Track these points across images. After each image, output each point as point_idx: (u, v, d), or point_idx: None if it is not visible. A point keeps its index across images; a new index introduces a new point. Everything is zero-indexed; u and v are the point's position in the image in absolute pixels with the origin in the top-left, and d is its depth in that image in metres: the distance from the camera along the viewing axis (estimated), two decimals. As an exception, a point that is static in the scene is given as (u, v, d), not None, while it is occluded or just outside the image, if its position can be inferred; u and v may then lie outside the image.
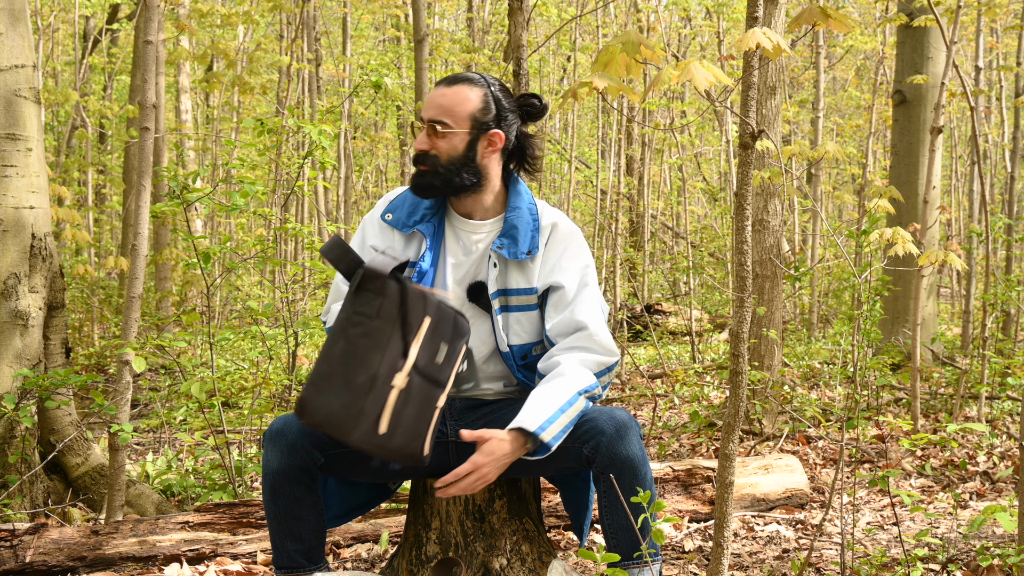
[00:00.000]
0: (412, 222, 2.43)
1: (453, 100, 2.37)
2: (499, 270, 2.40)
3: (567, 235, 2.44)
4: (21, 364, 3.61)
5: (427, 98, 2.40)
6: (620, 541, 2.29)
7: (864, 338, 4.62)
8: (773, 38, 1.98)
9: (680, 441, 5.28)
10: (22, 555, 2.97)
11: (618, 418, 2.27)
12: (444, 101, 2.37)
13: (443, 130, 2.36)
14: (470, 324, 2.34)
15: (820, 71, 10.77)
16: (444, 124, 2.36)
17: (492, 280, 2.39)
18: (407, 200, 2.47)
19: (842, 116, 16.69)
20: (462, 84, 2.39)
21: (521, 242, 2.38)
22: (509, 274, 2.40)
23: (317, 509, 2.34)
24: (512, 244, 2.38)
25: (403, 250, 2.44)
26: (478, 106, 2.37)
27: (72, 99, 9.57)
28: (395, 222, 2.45)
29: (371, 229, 2.48)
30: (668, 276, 15.40)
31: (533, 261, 2.40)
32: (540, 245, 2.41)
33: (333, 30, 16.61)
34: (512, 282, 2.40)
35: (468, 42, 11.84)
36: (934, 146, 5.51)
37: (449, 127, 2.36)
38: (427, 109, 2.38)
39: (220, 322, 9.55)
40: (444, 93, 2.38)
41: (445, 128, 2.36)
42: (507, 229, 2.40)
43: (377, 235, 2.47)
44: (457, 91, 2.38)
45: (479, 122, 2.37)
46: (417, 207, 2.45)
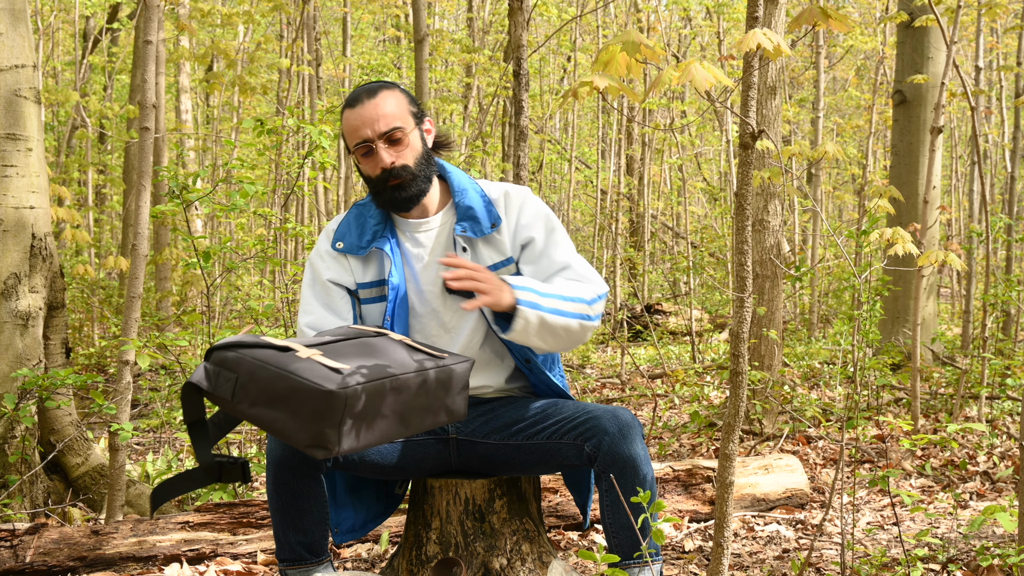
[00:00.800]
0: (366, 243, 2.42)
1: (391, 106, 2.36)
2: (469, 253, 2.40)
3: (518, 196, 2.46)
4: (21, 364, 3.61)
5: (356, 120, 2.35)
6: (621, 541, 2.29)
7: (864, 338, 4.62)
8: (773, 38, 1.98)
9: (680, 441, 5.28)
10: (22, 555, 2.97)
11: (621, 418, 2.27)
12: (385, 110, 2.35)
13: (401, 136, 2.36)
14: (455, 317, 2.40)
15: (820, 71, 10.77)
16: (400, 129, 2.36)
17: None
18: (351, 224, 2.46)
19: (842, 116, 16.69)
20: (383, 91, 2.39)
21: (482, 219, 2.40)
22: (480, 253, 2.41)
23: (320, 501, 2.34)
24: (475, 223, 2.40)
25: (362, 273, 2.43)
26: (407, 102, 2.41)
27: (72, 99, 9.57)
28: (348, 248, 2.43)
29: (322, 263, 2.46)
30: (668, 276, 15.40)
31: (500, 233, 2.42)
32: (500, 215, 2.43)
33: (333, 30, 16.60)
34: (486, 259, 2.41)
35: (468, 42, 11.83)
36: (934, 146, 5.51)
37: (404, 130, 2.36)
38: (372, 126, 2.34)
39: (220, 322, 9.55)
40: (377, 104, 2.35)
41: (402, 132, 2.36)
42: (463, 212, 2.41)
43: (331, 267, 2.45)
44: (385, 97, 2.37)
45: (415, 115, 2.41)
46: (365, 227, 2.44)
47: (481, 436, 2.42)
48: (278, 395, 1.98)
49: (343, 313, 2.42)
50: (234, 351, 2.04)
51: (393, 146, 2.35)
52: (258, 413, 2.01)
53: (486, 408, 2.45)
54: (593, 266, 11.46)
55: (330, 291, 2.44)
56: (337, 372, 1.98)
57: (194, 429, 2.11)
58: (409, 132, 2.37)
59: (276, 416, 1.99)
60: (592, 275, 2.40)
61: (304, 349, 2.04)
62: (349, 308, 2.44)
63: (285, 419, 1.98)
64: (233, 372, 2.02)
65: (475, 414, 2.45)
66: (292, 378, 1.96)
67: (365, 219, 2.45)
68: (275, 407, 1.99)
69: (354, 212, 2.49)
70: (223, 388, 2.03)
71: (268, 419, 2.00)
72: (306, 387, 1.94)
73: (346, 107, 2.39)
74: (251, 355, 2.02)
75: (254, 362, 2.01)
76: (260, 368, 2.00)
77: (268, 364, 2.00)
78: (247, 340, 2.06)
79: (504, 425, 2.39)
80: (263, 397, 2.00)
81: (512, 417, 2.40)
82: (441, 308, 2.43)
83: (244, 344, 2.04)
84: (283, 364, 1.99)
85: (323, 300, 2.44)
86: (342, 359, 2.04)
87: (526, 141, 4.75)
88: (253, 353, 2.03)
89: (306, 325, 2.42)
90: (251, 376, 2.00)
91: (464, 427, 2.44)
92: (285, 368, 1.98)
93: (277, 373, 1.98)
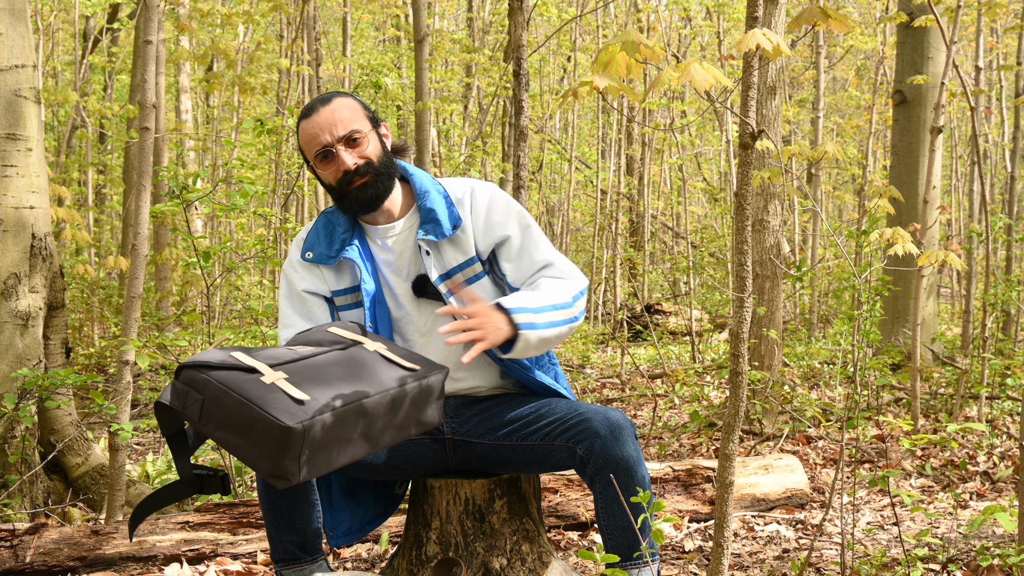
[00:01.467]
0: (335, 252, 2.42)
1: (347, 111, 2.37)
2: (433, 256, 2.39)
3: (486, 194, 2.45)
4: (21, 364, 3.61)
5: (313, 128, 2.35)
6: (618, 542, 2.29)
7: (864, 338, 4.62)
8: (773, 39, 1.98)
9: (680, 441, 5.28)
10: (22, 555, 2.97)
11: (612, 419, 2.26)
12: (342, 115, 2.35)
13: (360, 137, 2.35)
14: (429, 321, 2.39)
15: (820, 71, 10.77)
16: (358, 131, 2.35)
17: (431, 268, 2.38)
18: (320, 234, 2.45)
19: (842, 116, 16.69)
20: (338, 98, 2.39)
21: (443, 221, 2.39)
22: (444, 255, 2.40)
23: (311, 499, 2.34)
24: (436, 226, 2.38)
25: (336, 281, 2.43)
26: (361, 108, 2.41)
27: (72, 99, 9.57)
28: (318, 258, 2.42)
29: (296, 275, 2.45)
30: (668, 276, 15.40)
31: (464, 232, 2.41)
32: (465, 215, 2.42)
33: (333, 30, 16.60)
34: (451, 261, 2.40)
35: (468, 42, 11.83)
36: (934, 146, 5.51)
37: (362, 132, 2.36)
38: (330, 131, 2.33)
39: (220, 322, 9.55)
40: (334, 110, 2.35)
41: (360, 135, 2.36)
42: (425, 215, 2.40)
43: (305, 277, 2.44)
44: (341, 104, 2.37)
45: (372, 120, 2.41)
46: (333, 236, 2.44)
47: (477, 436, 2.41)
48: (240, 423, 1.96)
49: (321, 321, 2.42)
50: (201, 372, 2.01)
51: (353, 148, 2.35)
52: (223, 437, 2.01)
53: (481, 407, 2.44)
54: (593, 266, 11.48)
55: (307, 301, 2.43)
56: (299, 403, 1.96)
57: (174, 442, 2.10)
58: (367, 134, 2.37)
59: (239, 443, 1.98)
60: (572, 271, 2.41)
61: (270, 372, 2.01)
62: (327, 316, 2.44)
63: (247, 447, 1.97)
64: (200, 394, 2.00)
65: (470, 413, 2.44)
66: (253, 408, 1.94)
67: (334, 227, 2.45)
68: (238, 434, 1.98)
69: (322, 220, 2.47)
70: (191, 408, 2.02)
71: (232, 444, 2.00)
72: (265, 420, 1.92)
73: (301, 119, 2.39)
74: (217, 378, 2.00)
75: (219, 386, 1.98)
76: (224, 394, 1.98)
77: (231, 390, 1.97)
78: (214, 360, 2.03)
79: (499, 425, 2.39)
80: (227, 423, 1.99)
81: (507, 416, 2.39)
82: (414, 313, 2.42)
83: (211, 365, 2.02)
84: (246, 392, 1.97)
85: (300, 311, 2.43)
86: (311, 383, 2.02)
87: (526, 141, 4.75)
88: (219, 376, 2.00)
89: (286, 341, 2.39)
90: (216, 400, 1.99)
91: (460, 427, 2.43)
92: (247, 396, 1.96)
93: (239, 401, 1.96)
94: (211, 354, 2.06)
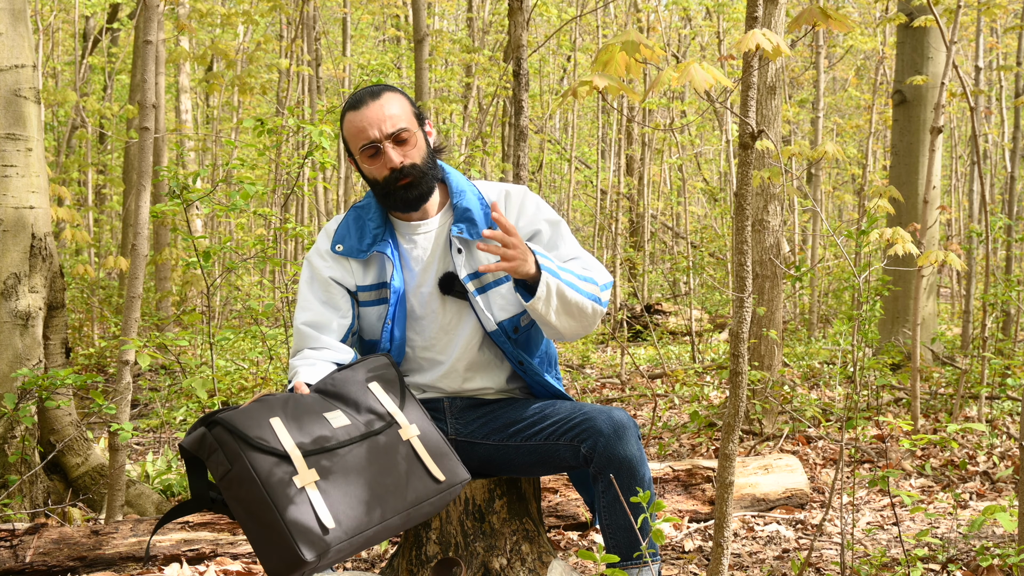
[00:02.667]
0: (366, 246, 2.42)
1: (396, 107, 2.37)
2: (464, 254, 2.40)
3: (517, 196, 2.47)
4: (21, 364, 3.61)
5: (361, 122, 2.33)
6: (619, 542, 2.29)
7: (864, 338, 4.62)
8: (773, 39, 1.98)
9: (680, 441, 5.28)
10: (22, 555, 2.97)
11: (616, 418, 2.27)
12: (391, 111, 2.35)
13: (408, 136, 2.36)
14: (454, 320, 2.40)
15: (820, 71, 10.77)
16: (407, 130, 2.36)
17: (460, 266, 2.39)
18: (350, 227, 2.45)
19: (842, 116, 16.69)
20: (387, 92, 2.38)
21: (479, 221, 2.40)
22: (475, 254, 2.41)
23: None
24: (471, 225, 2.40)
25: (363, 276, 2.43)
26: (409, 104, 2.42)
27: (72, 99, 9.57)
28: (348, 251, 2.42)
29: (322, 263, 2.44)
30: (668, 276, 15.40)
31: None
32: None
33: (333, 30, 16.60)
34: (481, 260, 2.41)
35: (468, 42, 11.83)
36: (934, 146, 5.51)
37: (410, 131, 2.36)
38: (379, 127, 2.33)
39: (220, 322, 9.56)
40: (383, 105, 2.35)
41: (408, 134, 2.36)
42: (461, 214, 2.41)
43: (332, 267, 2.44)
44: (390, 99, 2.37)
45: (418, 117, 2.42)
46: (364, 230, 2.44)
47: (480, 437, 2.42)
48: (258, 517, 1.95)
49: (342, 309, 2.42)
50: (236, 442, 1.98)
51: (400, 146, 2.35)
52: (236, 508, 1.99)
53: (486, 409, 2.45)
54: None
55: (330, 288, 2.43)
56: (324, 531, 1.94)
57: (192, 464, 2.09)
58: (414, 132, 2.37)
59: (251, 527, 1.97)
60: (599, 267, 2.43)
61: (303, 469, 1.97)
62: (348, 305, 2.43)
63: (257, 536, 1.96)
64: (229, 463, 1.98)
65: (475, 415, 2.45)
66: (276, 517, 1.92)
67: (364, 222, 2.45)
68: (252, 521, 1.96)
69: (352, 215, 2.48)
70: (214, 466, 2.01)
71: (243, 521, 1.99)
72: (283, 537, 1.92)
73: (348, 109, 2.37)
74: (250, 460, 1.96)
75: (249, 471, 1.95)
76: (251, 482, 1.95)
77: (260, 483, 1.94)
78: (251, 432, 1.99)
79: (503, 426, 2.40)
80: (245, 505, 1.97)
81: (510, 418, 2.40)
82: (440, 310, 2.43)
83: (247, 440, 1.98)
84: (274, 495, 1.94)
85: (321, 297, 2.43)
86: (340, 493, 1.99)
87: (526, 141, 4.75)
88: (252, 460, 1.96)
89: (303, 323, 2.40)
90: (241, 481, 1.96)
91: (463, 428, 2.44)
92: (275, 501, 1.93)
93: (265, 501, 1.94)
94: (250, 416, 2.01)
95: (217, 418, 2.00)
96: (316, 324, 2.40)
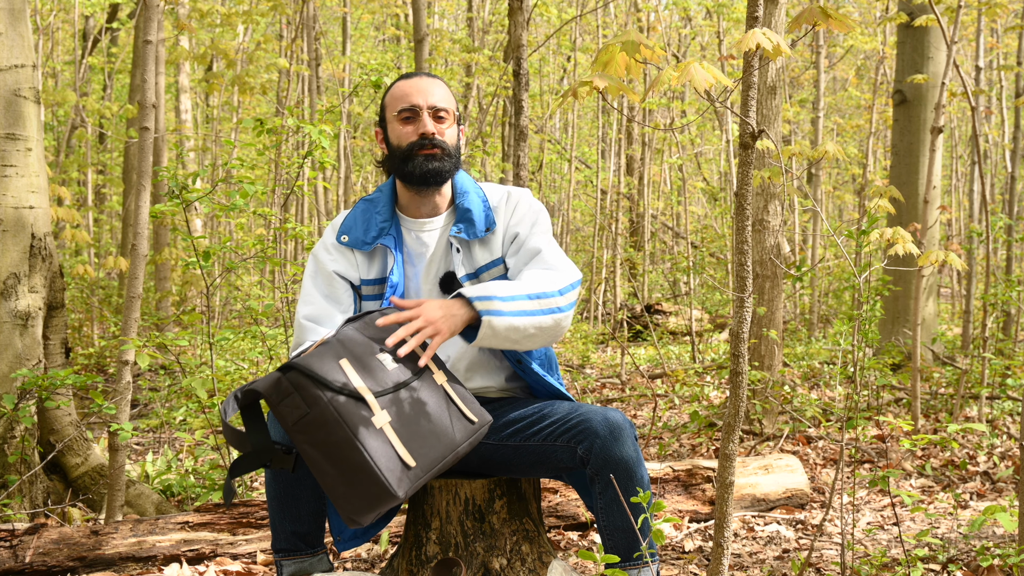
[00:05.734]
0: (371, 238, 2.43)
1: (443, 91, 2.44)
2: (463, 254, 2.43)
3: (517, 198, 2.50)
4: (21, 364, 3.61)
5: (410, 88, 2.41)
6: (617, 543, 2.28)
7: (864, 338, 4.62)
8: (773, 38, 1.98)
9: (680, 441, 5.28)
10: (22, 555, 2.97)
11: (612, 419, 2.27)
12: (438, 91, 2.42)
13: (447, 116, 2.43)
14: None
15: (820, 71, 10.77)
16: (447, 111, 2.43)
17: (459, 265, 2.41)
18: (357, 218, 2.47)
19: (842, 116, 16.69)
20: (439, 80, 2.46)
21: (478, 223, 2.43)
22: (474, 254, 2.44)
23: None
24: (470, 226, 2.43)
25: (367, 269, 2.45)
26: (454, 100, 2.48)
27: (71, 99, 9.57)
28: (353, 242, 2.44)
29: (327, 256, 2.46)
30: (668, 276, 15.40)
31: (494, 235, 2.46)
32: (499, 219, 2.47)
33: (333, 30, 16.60)
34: (479, 260, 2.44)
35: (468, 42, 11.83)
36: (934, 146, 5.50)
37: (450, 113, 2.43)
38: (424, 96, 2.40)
39: (220, 322, 9.55)
40: (434, 83, 2.43)
41: (448, 115, 2.43)
42: (462, 214, 2.44)
43: (337, 260, 2.45)
44: (441, 85, 2.45)
45: (458, 116, 2.47)
46: (371, 223, 2.45)
47: (480, 437, 2.42)
48: (344, 459, 1.99)
49: (344, 303, 2.43)
50: (315, 386, 2.01)
51: (438, 122, 2.41)
52: (312, 454, 2.02)
53: (488, 408, 2.45)
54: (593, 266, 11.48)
55: (333, 281, 2.44)
56: (407, 468, 2.03)
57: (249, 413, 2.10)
58: (452, 121, 2.44)
59: (329, 471, 2.01)
60: (563, 264, 2.41)
61: (378, 410, 2.04)
62: (351, 300, 2.45)
63: (337, 479, 2.00)
64: (307, 407, 2.01)
65: (475, 415, 2.45)
66: (365, 457, 1.98)
67: (371, 215, 2.47)
68: (335, 465, 2.00)
69: (361, 207, 2.50)
70: (287, 410, 2.03)
71: (319, 466, 2.02)
72: (374, 475, 1.98)
73: (400, 79, 2.45)
74: (331, 402, 2.00)
75: (332, 413, 2.00)
76: (336, 424, 1.99)
77: (346, 424, 2.00)
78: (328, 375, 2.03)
79: (502, 425, 2.40)
80: (326, 448, 2.01)
81: (510, 417, 2.40)
82: None
83: (325, 383, 2.02)
84: (360, 435, 2.00)
85: (324, 291, 2.44)
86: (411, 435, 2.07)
87: (526, 141, 4.75)
88: (333, 401, 2.01)
89: (304, 317, 2.41)
90: (323, 423, 2.00)
91: (464, 427, 2.44)
92: (361, 441, 1.99)
93: (351, 442, 1.99)
94: (322, 360, 2.05)
95: (292, 363, 2.05)
96: (317, 318, 2.41)
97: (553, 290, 2.31)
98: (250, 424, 2.10)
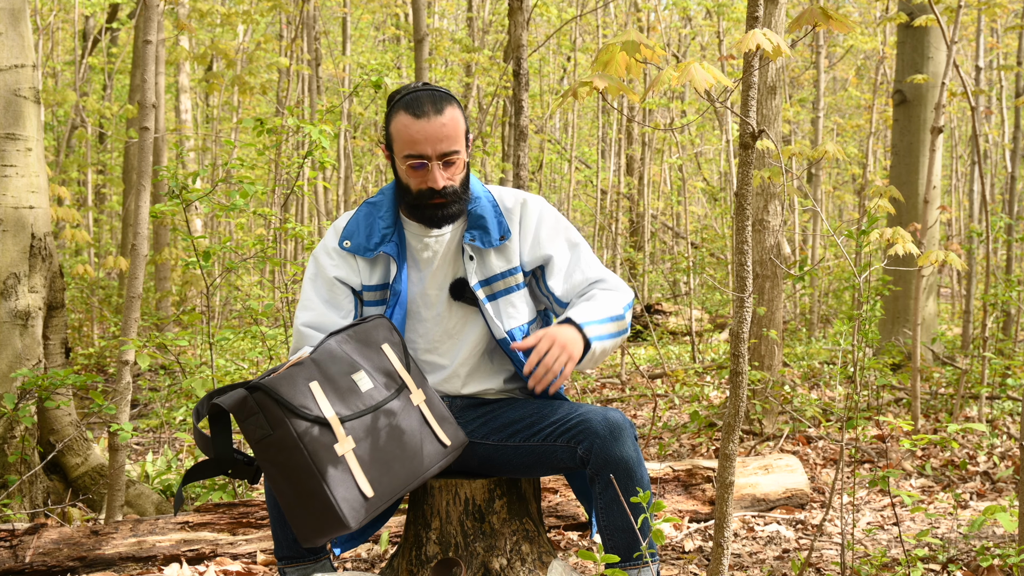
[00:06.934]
0: (374, 245, 2.40)
1: (454, 127, 2.32)
2: (476, 261, 2.40)
3: (536, 209, 2.46)
4: (20, 364, 3.61)
5: (418, 134, 2.28)
6: (617, 543, 2.28)
7: (864, 338, 4.62)
8: (773, 39, 1.98)
9: (680, 441, 5.28)
10: (22, 555, 2.97)
11: (612, 419, 2.27)
12: (449, 131, 2.30)
13: (456, 160, 2.34)
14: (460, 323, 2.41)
15: (820, 71, 10.77)
16: (458, 153, 2.33)
17: (472, 273, 2.39)
18: (360, 224, 2.44)
19: (842, 116, 16.69)
20: (448, 107, 2.32)
21: (492, 230, 2.40)
22: (488, 262, 2.41)
23: None
24: (484, 233, 2.39)
25: (369, 275, 2.43)
26: (463, 123, 2.37)
27: (71, 99, 9.57)
28: (355, 248, 2.41)
29: (329, 260, 2.43)
30: (668, 276, 15.40)
31: (511, 242, 2.42)
32: (514, 226, 2.43)
33: (333, 30, 16.59)
34: (493, 268, 2.41)
35: (468, 42, 11.83)
36: (934, 146, 5.50)
37: (460, 155, 2.34)
38: (433, 145, 2.28)
39: (220, 322, 9.55)
40: (444, 124, 2.29)
41: (457, 157, 2.34)
42: (474, 221, 2.40)
43: (339, 265, 2.43)
44: (452, 117, 2.31)
45: (466, 135, 2.39)
46: (374, 228, 2.42)
47: (480, 437, 2.41)
48: (301, 484, 2.02)
49: (344, 309, 2.41)
50: (280, 409, 2.02)
51: (447, 168, 2.33)
52: (272, 472, 2.05)
53: (485, 409, 2.45)
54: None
55: (334, 287, 2.42)
56: (365, 499, 2.04)
57: (217, 422, 2.11)
58: (462, 154, 2.35)
59: (287, 491, 2.04)
60: (621, 284, 2.44)
61: (341, 436, 2.05)
62: (351, 305, 2.43)
63: (293, 500, 2.03)
64: (270, 428, 2.03)
65: (474, 415, 2.45)
66: (322, 486, 2.01)
67: (374, 220, 2.43)
68: (292, 487, 2.03)
69: (364, 211, 2.46)
70: (251, 429, 2.04)
71: (278, 484, 2.05)
72: (330, 505, 2.00)
73: (405, 110, 2.30)
74: (294, 427, 2.02)
75: (293, 438, 2.02)
76: (296, 449, 2.01)
77: (306, 451, 2.01)
78: (293, 399, 2.04)
79: (502, 426, 2.39)
80: (286, 470, 2.03)
81: (510, 418, 2.40)
82: (446, 314, 2.43)
83: (290, 408, 2.03)
84: (319, 462, 2.01)
85: (324, 296, 2.42)
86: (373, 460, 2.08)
87: (526, 141, 4.75)
88: (296, 427, 2.02)
89: (304, 324, 2.40)
90: (283, 446, 2.02)
91: (463, 427, 2.43)
92: (319, 467, 2.01)
93: (310, 469, 2.01)
94: (292, 383, 2.06)
95: (259, 383, 2.05)
96: (317, 325, 2.39)
97: (621, 312, 2.38)
98: (216, 431, 2.11)
